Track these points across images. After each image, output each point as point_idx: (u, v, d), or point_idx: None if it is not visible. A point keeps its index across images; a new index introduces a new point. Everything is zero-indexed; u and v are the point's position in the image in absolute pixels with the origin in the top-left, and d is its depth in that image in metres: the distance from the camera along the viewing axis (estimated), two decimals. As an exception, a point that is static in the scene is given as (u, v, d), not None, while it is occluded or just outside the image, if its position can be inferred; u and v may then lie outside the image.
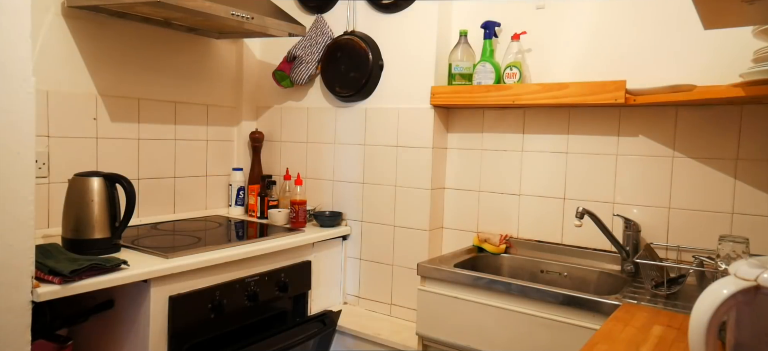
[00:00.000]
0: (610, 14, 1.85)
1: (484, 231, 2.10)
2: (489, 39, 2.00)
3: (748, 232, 1.62)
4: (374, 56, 2.21)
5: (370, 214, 2.28)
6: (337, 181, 2.36)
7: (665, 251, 1.75)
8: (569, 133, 1.94)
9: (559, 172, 1.96)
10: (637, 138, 1.82)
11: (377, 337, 2.02)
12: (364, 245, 2.30)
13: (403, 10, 2.15)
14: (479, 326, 1.63)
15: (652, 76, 1.76)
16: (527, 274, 1.94)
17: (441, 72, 2.12)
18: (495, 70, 1.96)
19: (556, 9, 1.95)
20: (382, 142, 2.23)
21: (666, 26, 1.75)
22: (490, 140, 2.10)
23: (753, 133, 1.64)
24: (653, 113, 1.79)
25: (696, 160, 1.73)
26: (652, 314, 1.26)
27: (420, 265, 1.79)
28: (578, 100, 1.77)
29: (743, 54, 1.47)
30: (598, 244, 1.87)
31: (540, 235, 2.01)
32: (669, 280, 1.46)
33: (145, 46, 2.10)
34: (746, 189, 1.65)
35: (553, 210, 1.98)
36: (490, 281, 1.62)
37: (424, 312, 1.75)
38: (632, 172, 1.83)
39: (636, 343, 1.06)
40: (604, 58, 1.86)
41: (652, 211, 1.80)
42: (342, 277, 2.35)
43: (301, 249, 2.07)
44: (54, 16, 1.80)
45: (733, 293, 0.68)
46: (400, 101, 2.17)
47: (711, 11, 1.10)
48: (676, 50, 1.74)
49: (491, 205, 2.11)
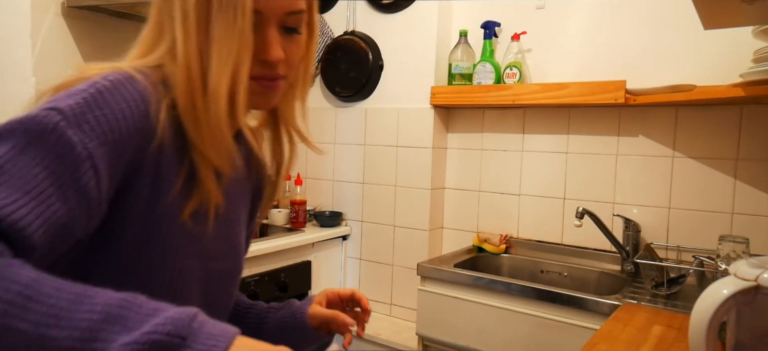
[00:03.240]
0: (610, 14, 1.85)
1: (484, 231, 2.10)
2: (489, 39, 2.00)
3: (748, 232, 1.62)
4: (374, 56, 2.20)
5: (370, 214, 2.28)
6: (337, 181, 2.36)
7: (665, 251, 1.75)
8: (569, 133, 1.94)
9: (559, 172, 1.96)
10: (637, 138, 1.82)
11: (377, 337, 2.02)
12: (364, 245, 2.30)
13: (403, 10, 2.15)
14: (479, 326, 1.63)
15: (652, 76, 1.76)
16: (527, 274, 1.94)
17: (441, 72, 2.12)
18: (495, 70, 1.96)
19: (556, 9, 1.95)
20: (382, 142, 2.23)
21: (666, 26, 1.75)
22: (490, 140, 2.10)
23: (753, 133, 1.64)
24: (653, 113, 1.79)
25: (696, 160, 1.73)
26: (652, 314, 1.26)
27: (420, 265, 1.79)
28: (578, 100, 1.77)
29: (743, 54, 1.46)
30: (598, 244, 1.87)
31: (540, 235, 2.01)
32: (669, 280, 1.46)
33: (145, 46, 2.10)
34: (746, 189, 1.65)
35: (553, 210, 1.98)
36: (490, 281, 1.62)
37: (424, 312, 1.75)
38: (632, 172, 1.83)
39: (636, 344, 1.06)
40: (604, 58, 1.86)
41: (652, 211, 1.80)
42: (342, 277, 2.35)
43: (301, 249, 2.07)
44: (54, 16, 1.80)
45: (733, 293, 0.68)
46: (400, 101, 2.17)
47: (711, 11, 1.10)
48: (676, 50, 1.74)
49: (491, 205, 2.11)
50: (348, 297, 0.92)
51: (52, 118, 0.52)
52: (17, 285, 0.44)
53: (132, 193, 0.61)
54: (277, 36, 0.66)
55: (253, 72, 0.65)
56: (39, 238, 0.49)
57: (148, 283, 0.63)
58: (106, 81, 0.58)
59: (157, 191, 0.63)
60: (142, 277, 0.63)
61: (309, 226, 2.27)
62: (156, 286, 0.64)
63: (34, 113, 0.52)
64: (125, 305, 0.46)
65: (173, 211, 0.64)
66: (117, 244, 0.61)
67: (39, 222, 0.49)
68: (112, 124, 0.56)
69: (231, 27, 0.61)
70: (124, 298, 0.47)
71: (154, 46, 0.68)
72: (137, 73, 0.63)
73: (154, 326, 0.45)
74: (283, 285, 1.94)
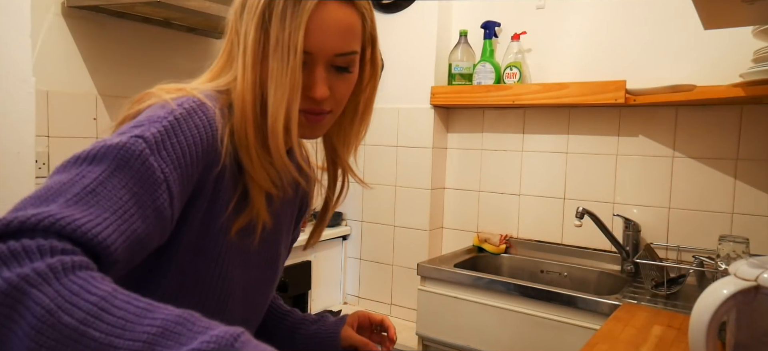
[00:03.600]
0: (610, 14, 1.85)
1: (484, 231, 2.10)
2: (489, 39, 2.00)
3: (748, 232, 1.62)
4: (374, 56, 2.20)
5: (370, 214, 2.28)
6: (337, 181, 2.36)
7: (665, 251, 1.75)
8: (569, 133, 1.94)
9: (559, 172, 1.96)
10: (637, 138, 1.82)
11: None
12: (364, 245, 2.30)
13: (403, 10, 2.15)
14: (479, 326, 1.63)
15: (652, 76, 1.76)
16: (527, 274, 1.94)
17: (441, 72, 2.12)
18: (495, 70, 1.96)
19: (556, 9, 1.95)
20: (382, 142, 2.23)
21: (666, 26, 1.75)
22: (490, 140, 2.10)
23: (753, 133, 1.64)
24: (653, 113, 1.79)
25: (696, 160, 1.73)
26: (652, 314, 1.26)
27: (420, 265, 1.79)
28: (578, 100, 1.77)
29: (743, 54, 1.46)
30: (598, 244, 1.87)
31: (540, 235, 2.01)
32: (669, 280, 1.46)
33: (145, 46, 2.10)
34: (746, 189, 1.65)
35: (553, 210, 1.98)
36: (490, 281, 1.62)
37: (424, 312, 1.75)
38: (632, 172, 1.83)
39: (636, 344, 1.06)
40: (604, 58, 1.86)
41: (652, 211, 1.80)
42: (342, 277, 2.35)
43: (301, 249, 2.07)
44: (54, 16, 1.80)
45: (733, 293, 0.68)
46: (400, 101, 2.17)
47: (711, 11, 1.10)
48: (676, 50, 1.74)
49: (491, 205, 2.11)
50: (378, 322, 1.01)
51: (139, 147, 0.60)
52: (95, 297, 0.49)
53: (194, 207, 0.68)
54: (323, 75, 0.70)
55: (300, 106, 0.70)
56: (121, 253, 0.56)
57: (198, 286, 0.71)
58: (182, 109, 0.66)
59: (214, 208, 0.70)
60: (194, 281, 0.71)
61: (309, 226, 2.26)
62: (206, 290, 0.72)
63: (124, 141, 0.59)
64: (181, 321, 0.51)
65: (226, 226, 0.71)
66: (175, 250, 0.69)
67: (121, 239, 0.56)
68: (185, 150, 0.64)
69: (285, 65, 0.66)
70: (181, 314, 0.52)
71: (222, 72, 0.75)
72: (208, 99, 0.69)
73: (200, 343, 0.49)
74: (282, 285, 1.94)
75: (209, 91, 0.71)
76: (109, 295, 0.50)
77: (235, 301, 0.77)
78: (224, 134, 0.68)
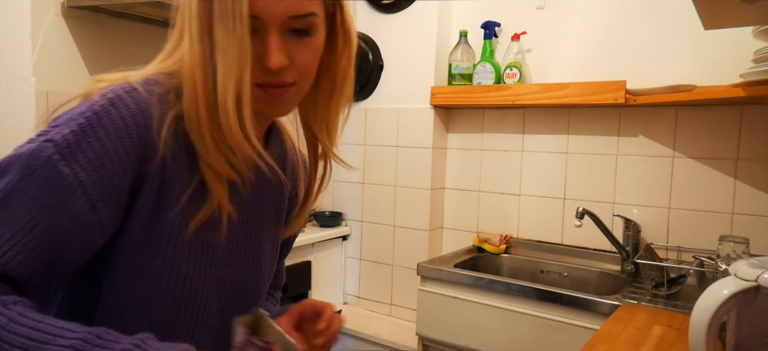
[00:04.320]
0: (610, 14, 1.85)
1: (484, 231, 2.10)
2: (489, 39, 2.00)
3: (748, 232, 1.62)
4: (374, 56, 2.20)
5: (370, 214, 2.28)
6: (336, 181, 2.36)
7: (665, 251, 1.75)
8: (569, 133, 1.94)
9: (559, 172, 1.96)
10: (637, 138, 1.82)
11: (377, 338, 2.02)
12: (364, 245, 2.30)
13: (403, 10, 2.15)
14: (479, 326, 1.63)
15: (652, 76, 1.76)
16: (527, 275, 1.94)
17: (441, 72, 2.12)
18: (495, 70, 1.96)
19: (556, 9, 1.95)
20: (382, 142, 2.23)
21: (666, 26, 1.75)
22: (490, 140, 2.10)
23: (753, 133, 1.64)
24: (653, 113, 1.79)
25: (696, 160, 1.73)
26: (652, 314, 1.26)
27: (420, 265, 1.79)
28: (578, 100, 1.77)
29: (743, 54, 1.46)
30: (598, 244, 1.87)
31: (540, 235, 2.01)
32: (669, 280, 1.46)
33: (145, 46, 2.10)
34: (746, 189, 1.65)
35: (553, 210, 1.98)
36: (490, 281, 1.62)
37: (424, 312, 1.75)
38: (632, 172, 1.83)
39: (636, 344, 1.06)
40: (604, 58, 1.86)
41: (652, 211, 1.80)
42: (342, 278, 2.35)
43: (301, 249, 2.07)
44: (54, 16, 1.80)
45: (733, 293, 0.68)
46: (400, 101, 2.17)
47: (711, 11, 1.10)
48: (676, 50, 1.74)
49: (491, 205, 2.11)
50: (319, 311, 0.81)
51: (46, 152, 0.55)
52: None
53: (137, 203, 0.63)
54: (278, 42, 0.62)
55: (257, 79, 0.63)
56: (27, 270, 0.54)
57: (151, 287, 0.65)
58: (104, 100, 0.60)
59: (161, 202, 0.64)
60: (145, 282, 0.65)
61: (309, 226, 2.27)
62: (160, 291, 0.65)
63: (32, 147, 0.56)
64: (90, 339, 0.52)
65: (180, 221, 0.65)
66: (120, 252, 0.64)
67: (22, 257, 0.54)
68: (108, 146, 0.58)
69: (231, 34, 0.59)
70: (91, 332, 0.53)
71: (172, 53, 0.68)
72: (142, 84, 0.63)
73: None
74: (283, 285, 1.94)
75: (151, 76, 0.65)
76: (9, 322, 0.51)
77: (209, 302, 0.70)
78: (164, 121, 0.62)
